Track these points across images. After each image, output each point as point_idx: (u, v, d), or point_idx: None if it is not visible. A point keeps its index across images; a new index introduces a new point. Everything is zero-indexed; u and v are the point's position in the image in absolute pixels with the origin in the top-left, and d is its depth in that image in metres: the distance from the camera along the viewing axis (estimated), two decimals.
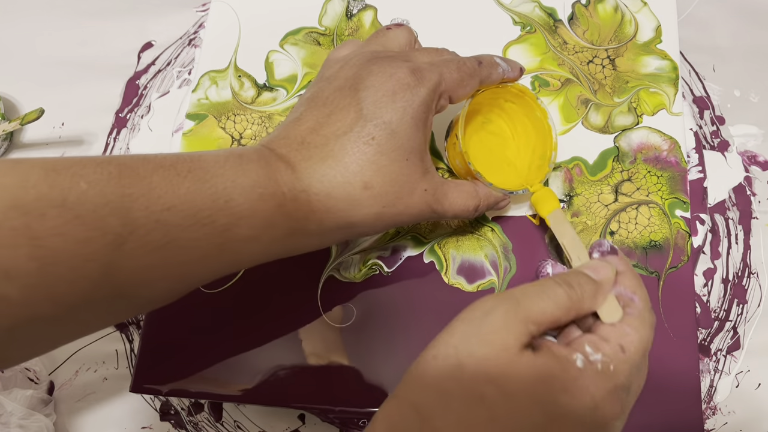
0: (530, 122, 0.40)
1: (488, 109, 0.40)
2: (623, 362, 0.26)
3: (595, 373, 0.26)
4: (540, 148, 0.39)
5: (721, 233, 0.44)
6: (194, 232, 0.27)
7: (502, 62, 0.36)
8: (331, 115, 0.31)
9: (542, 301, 0.27)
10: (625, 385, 0.26)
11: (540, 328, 0.26)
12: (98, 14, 0.51)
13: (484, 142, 0.40)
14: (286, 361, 0.39)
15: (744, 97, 0.47)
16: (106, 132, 0.48)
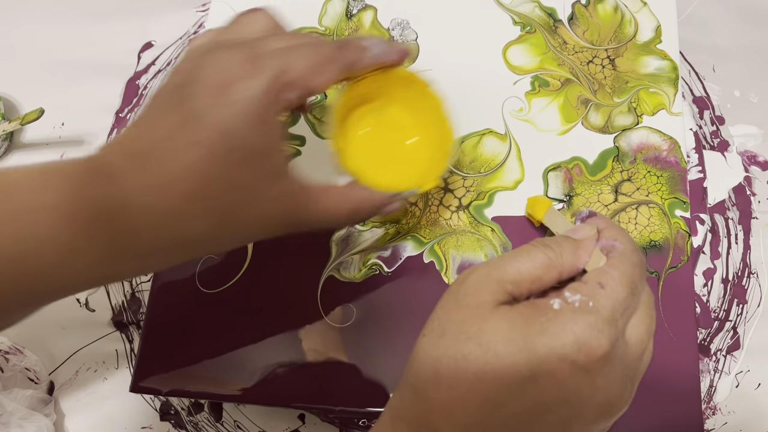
0: (428, 111, 0.36)
1: (381, 98, 0.35)
2: (603, 297, 0.25)
3: (573, 311, 0.24)
4: (438, 139, 0.36)
5: (721, 233, 0.44)
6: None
7: (376, 45, 0.31)
8: (160, 116, 0.27)
9: (517, 261, 0.26)
10: (609, 320, 0.24)
11: (520, 288, 0.26)
12: (98, 14, 0.51)
13: (377, 137, 0.36)
14: (286, 361, 0.39)
15: (744, 97, 0.47)
16: (106, 132, 0.48)
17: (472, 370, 0.24)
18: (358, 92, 0.33)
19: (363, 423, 0.40)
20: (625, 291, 0.25)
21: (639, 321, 0.26)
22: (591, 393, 0.24)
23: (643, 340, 0.26)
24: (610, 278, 0.25)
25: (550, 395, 0.23)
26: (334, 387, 0.38)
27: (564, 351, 0.23)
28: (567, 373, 0.23)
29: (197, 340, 0.40)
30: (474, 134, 0.44)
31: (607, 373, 0.24)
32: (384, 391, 0.38)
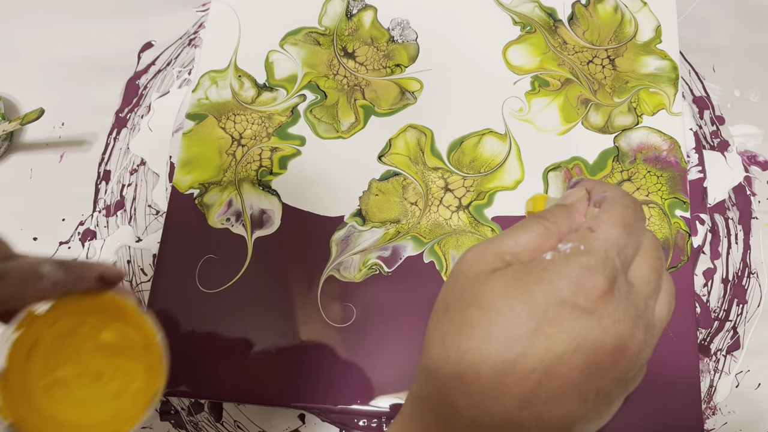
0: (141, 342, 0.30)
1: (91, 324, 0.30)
2: (594, 239, 0.24)
3: (564, 256, 0.24)
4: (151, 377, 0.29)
5: (721, 233, 0.44)
6: None
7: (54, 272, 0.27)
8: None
9: (514, 233, 0.26)
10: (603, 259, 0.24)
11: (520, 258, 0.26)
12: (98, 14, 0.51)
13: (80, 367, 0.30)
14: (286, 361, 0.39)
15: (744, 97, 0.47)
16: (106, 132, 0.48)
17: (477, 334, 0.24)
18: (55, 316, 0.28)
19: (363, 423, 0.40)
20: (617, 231, 0.25)
21: (642, 262, 0.26)
22: (600, 337, 0.23)
23: (649, 280, 0.25)
24: (599, 221, 0.25)
25: (559, 345, 0.23)
26: (334, 387, 0.38)
27: (562, 295, 0.23)
28: (570, 317, 0.23)
29: (197, 340, 0.39)
30: (474, 134, 0.44)
31: (612, 312, 0.23)
32: (384, 390, 0.38)
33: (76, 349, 0.30)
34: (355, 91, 0.46)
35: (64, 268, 0.27)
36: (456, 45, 0.47)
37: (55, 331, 0.29)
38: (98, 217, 0.45)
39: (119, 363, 0.30)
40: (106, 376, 0.30)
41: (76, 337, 0.30)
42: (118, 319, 0.30)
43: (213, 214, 0.43)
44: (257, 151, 0.44)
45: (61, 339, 0.29)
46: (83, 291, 0.28)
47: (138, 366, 0.30)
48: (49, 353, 0.29)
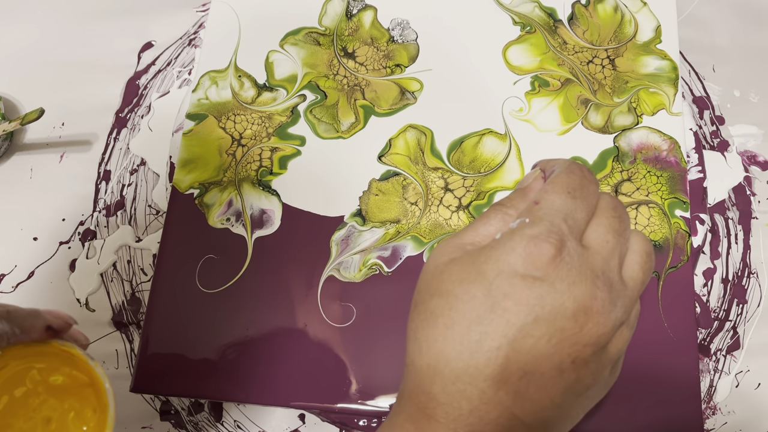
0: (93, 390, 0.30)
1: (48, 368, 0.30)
2: (538, 210, 0.25)
3: (510, 232, 0.24)
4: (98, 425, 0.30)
5: (720, 233, 0.44)
6: None
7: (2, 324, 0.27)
8: None
9: (474, 224, 0.27)
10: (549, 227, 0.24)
11: (481, 245, 0.26)
12: (98, 14, 0.51)
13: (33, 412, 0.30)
14: (286, 361, 0.39)
15: (744, 97, 0.47)
16: (106, 132, 0.48)
17: (441, 321, 0.24)
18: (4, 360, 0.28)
19: (363, 423, 0.40)
20: (560, 198, 0.25)
21: (597, 224, 0.25)
22: (557, 302, 0.23)
23: (606, 240, 0.25)
24: (543, 192, 0.25)
25: (518, 317, 0.23)
26: (334, 387, 0.38)
27: (512, 268, 0.23)
28: (523, 287, 0.23)
29: (197, 340, 0.40)
30: (474, 134, 0.44)
31: (564, 276, 0.23)
32: (384, 390, 0.38)
33: (24, 393, 0.30)
34: (355, 91, 0.46)
35: (11, 320, 0.27)
36: (456, 45, 0.47)
37: (3, 376, 0.29)
38: (98, 217, 0.45)
39: (68, 407, 0.30)
40: (54, 421, 0.30)
41: (24, 382, 0.30)
42: (67, 363, 0.30)
43: (213, 214, 0.43)
44: (257, 151, 0.44)
45: (9, 384, 0.29)
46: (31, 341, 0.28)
47: (88, 409, 0.30)
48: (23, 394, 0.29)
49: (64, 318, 0.29)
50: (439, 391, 0.24)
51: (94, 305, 0.43)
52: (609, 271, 0.25)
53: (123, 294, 0.43)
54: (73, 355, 0.29)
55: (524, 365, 0.23)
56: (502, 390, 0.23)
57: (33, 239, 0.45)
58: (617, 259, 0.25)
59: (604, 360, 0.25)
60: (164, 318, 0.40)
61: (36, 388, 0.30)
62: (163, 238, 0.42)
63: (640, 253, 0.26)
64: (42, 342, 0.29)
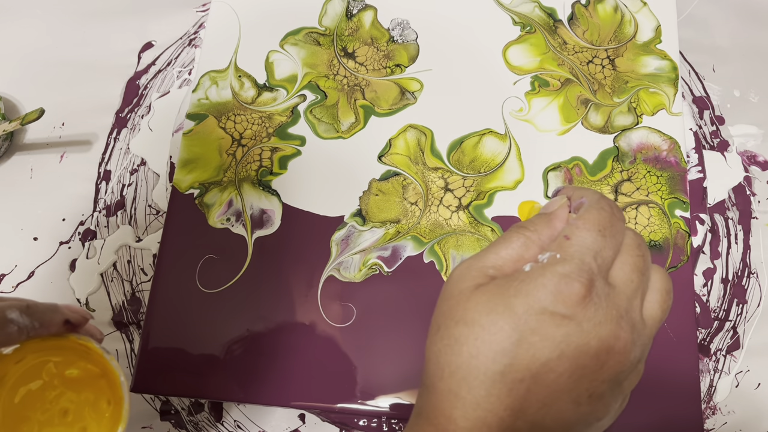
0: (107, 383, 0.31)
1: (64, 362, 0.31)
2: (569, 247, 0.25)
3: (542, 267, 0.25)
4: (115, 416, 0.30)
5: (720, 233, 0.44)
6: None
7: (21, 318, 0.28)
8: None
9: (495, 247, 0.27)
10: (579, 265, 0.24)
11: (503, 270, 0.26)
12: (99, 14, 0.51)
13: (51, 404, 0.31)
14: (286, 361, 0.39)
15: (744, 97, 0.47)
16: (106, 132, 0.48)
17: (465, 350, 0.25)
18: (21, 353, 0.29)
19: (363, 423, 0.40)
20: (591, 235, 0.25)
21: (623, 262, 0.26)
22: (583, 340, 0.24)
23: (631, 279, 0.26)
24: (574, 228, 0.26)
25: (543, 353, 0.24)
26: (334, 387, 0.38)
27: (541, 304, 0.24)
28: (551, 325, 0.24)
29: (197, 340, 0.40)
30: (474, 134, 0.44)
31: (591, 316, 0.24)
32: (384, 390, 0.38)
33: (41, 386, 0.31)
34: (355, 91, 0.46)
35: (31, 314, 0.28)
36: (456, 45, 0.47)
37: (21, 369, 0.30)
38: (98, 217, 0.45)
39: (84, 399, 0.31)
40: (71, 413, 0.31)
41: (41, 375, 0.31)
42: (83, 357, 0.31)
43: (213, 214, 0.43)
44: (257, 151, 0.44)
45: (27, 377, 0.30)
46: (49, 334, 0.29)
47: (103, 401, 0.31)
48: (14, 391, 0.30)
49: (82, 313, 0.30)
50: (460, 416, 0.25)
51: (94, 305, 0.43)
52: (632, 310, 0.25)
53: (123, 294, 0.43)
54: (89, 348, 0.30)
55: (544, 398, 0.24)
56: (520, 419, 0.24)
57: (33, 239, 0.45)
58: (639, 299, 0.26)
59: (617, 394, 0.26)
60: (164, 318, 0.40)
61: (52, 381, 0.31)
62: (163, 238, 0.42)
63: (660, 292, 0.27)
64: (59, 336, 0.29)
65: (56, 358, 0.31)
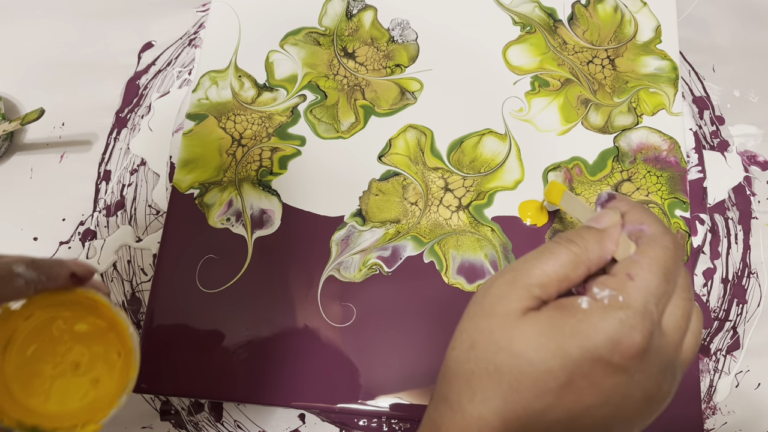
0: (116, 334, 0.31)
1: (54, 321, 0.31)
2: (633, 289, 0.23)
3: (602, 308, 0.23)
4: (118, 371, 0.31)
5: (720, 233, 0.44)
6: None
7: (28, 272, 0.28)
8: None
9: (542, 262, 0.25)
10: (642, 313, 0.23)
11: (548, 290, 0.25)
12: (99, 15, 0.51)
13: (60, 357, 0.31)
14: (286, 361, 0.39)
15: (744, 97, 0.47)
16: (106, 132, 0.48)
17: (506, 380, 0.23)
18: (30, 310, 0.30)
19: (363, 423, 0.40)
20: (657, 279, 0.24)
21: (674, 307, 0.25)
22: (630, 390, 0.23)
23: (680, 326, 0.25)
24: (639, 267, 0.24)
25: (589, 398, 0.23)
26: (334, 387, 0.38)
27: (598, 352, 0.23)
28: (603, 374, 0.23)
29: (197, 340, 0.40)
30: (474, 134, 0.44)
31: (644, 368, 0.23)
32: (384, 390, 0.38)
33: (51, 341, 0.31)
34: (355, 91, 0.46)
35: (37, 268, 0.28)
36: (456, 45, 0.47)
37: (30, 325, 0.30)
38: (98, 217, 0.45)
39: (95, 352, 0.31)
40: (82, 365, 0.31)
41: (51, 330, 0.31)
42: (91, 312, 0.31)
43: (213, 214, 0.43)
44: (257, 151, 0.44)
45: (37, 332, 0.30)
46: (56, 288, 0.29)
47: (113, 353, 0.31)
48: (25, 346, 0.30)
49: (87, 266, 0.30)
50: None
51: None
52: (675, 359, 0.25)
53: (123, 294, 0.43)
54: (96, 301, 0.30)
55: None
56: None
57: (33, 239, 0.45)
58: (682, 344, 0.25)
59: (644, 426, 0.25)
60: (164, 318, 0.40)
61: (62, 336, 0.31)
62: (163, 238, 0.42)
63: (696, 335, 0.26)
64: (66, 290, 0.29)
65: (65, 313, 0.31)
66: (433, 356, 0.38)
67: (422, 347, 0.39)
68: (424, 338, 0.39)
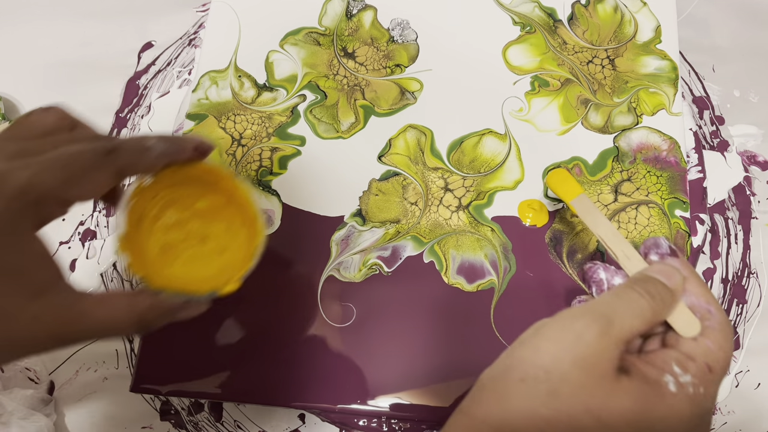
0: (239, 204, 0.33)
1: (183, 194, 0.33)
2: (712, 384, 0.25)
3: (689, 398, 0.24)
4: (246, 238, 0.33)
5: (720, 233, 0.44)
6: None
7: (159, 144, 0.29)
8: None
9: (631, 318, 0.25)
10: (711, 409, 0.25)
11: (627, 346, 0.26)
12: (99, 15, 0.51)
13: (189, 230, 0.33)
14: (286, 361, 0.39)
15: (743, 97, 0.47)
16: (106, 132, 0.48)
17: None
18: (157, 187, 0.31)
19: (363, 423, 0.40)
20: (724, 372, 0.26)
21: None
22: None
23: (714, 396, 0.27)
24: (716, 360, 0.25)
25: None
26: (334, 387, 0.38)
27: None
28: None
29: (197, 340, 0.40)
30: (474, 134, 0.44)
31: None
32: (384, 390, 0.38)
33: (177, 217, 0.33)
34: (355, 91, 0.46)
35: (166, 141, 0.30)
36: (456, 45, 0.47)
37: (158, 203, 0.32)
38: (98, 217, 0.45)
39: (217, 226, 0.33)
40: (207, 238, 0.33)
41: (175, 208, 0.33)
42: (209, 189, 0.33)
43: None
44: (257, 151, 0.44)
45: (162, 210, 0.33)
46: (182, 162, 0.30)
47: (236, 224, 0.33)
48: (154, 222, 0.32)
49: (208, 141, 0.31)
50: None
51: None
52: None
53: None
54: (217, 174, 0.32)
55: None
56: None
57: None
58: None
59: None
60: None
61: (185, 213, 0.33)
62: None
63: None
64: (190, 165, 0.31)
65: (186, 191, 0.32)
66: (433, 356, 0.38)
67: (422, 347, 0.39)
68: (424, 338, 0.39)
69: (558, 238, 0.41)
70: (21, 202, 0.25)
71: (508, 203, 0.42)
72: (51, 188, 0.26)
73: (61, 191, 0.26)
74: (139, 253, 0.31)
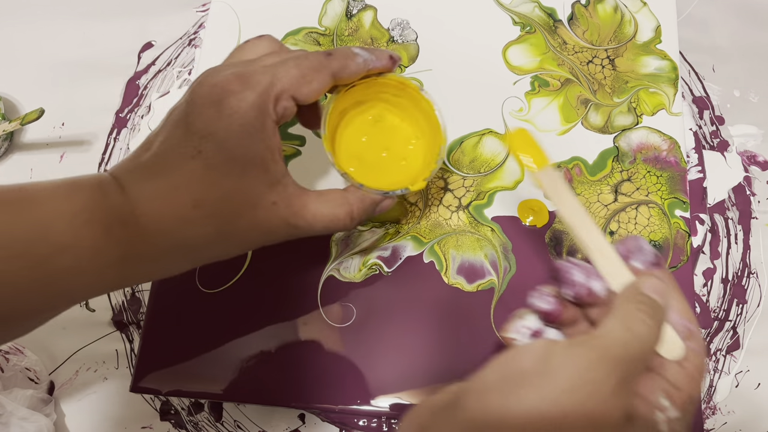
0: (421, 115, 0.37)
1: (374, 103, 0.37)
2: (690, 414, 0.25)
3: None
4: (429, 142, 0.36)
5: (720, 233, 0.44)
6: (8, 265, 0.25)
7: (363, 52, 0.33)
8: (165, 132, 0.30)
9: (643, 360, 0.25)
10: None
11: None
12: (99, 15, 0.51)
13: (370, 139, 0.37)
14: (286, 361, 0.39)
15: (743, 97, 0.47)
16: (106, 132, 0.48)
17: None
18: (351, 97, 0.35)
19: (363, 423, 0.40)
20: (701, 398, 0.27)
21: None
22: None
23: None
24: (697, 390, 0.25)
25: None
26: (334, 387, 0.38)
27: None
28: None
29: (197, 340, 0.40)
30: (474, 134, 0.44)
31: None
32: (384, 390, 0.38)
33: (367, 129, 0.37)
34: None
35: (369, 49, 0.33)
36: (456, 45, 0.47)
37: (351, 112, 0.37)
38: None
39: (404, 135, 0.37)
40: (393, 147, 0.37)
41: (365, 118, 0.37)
42: (397, 104, 0.37)
43: None
44: None
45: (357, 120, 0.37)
46: (379, 70, 0.34)
47: (419, 133, 0.37)
48: (346, 128, 0.37)
49: (397, 54, 0.35)
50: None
51: (94, 305, 0.43)
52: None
53: (123, 294, 0.43)
54: (406, 86, 0.36)
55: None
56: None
57: None
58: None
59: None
60: (164, 318, 0.40)
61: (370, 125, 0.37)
62: None
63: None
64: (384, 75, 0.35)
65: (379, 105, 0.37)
66: (433, 356, 0.39)
67: (422, 347, 0.39)
68: (424, 338, 0.39)
69: (558, 238, 0.41)
70: (267, 97, 0.29)
71: (508, 203, 0.42)
72: (289, 86, 0.30)
73: (294, 89, 0.30)
74: (338, 154, 0.36)
